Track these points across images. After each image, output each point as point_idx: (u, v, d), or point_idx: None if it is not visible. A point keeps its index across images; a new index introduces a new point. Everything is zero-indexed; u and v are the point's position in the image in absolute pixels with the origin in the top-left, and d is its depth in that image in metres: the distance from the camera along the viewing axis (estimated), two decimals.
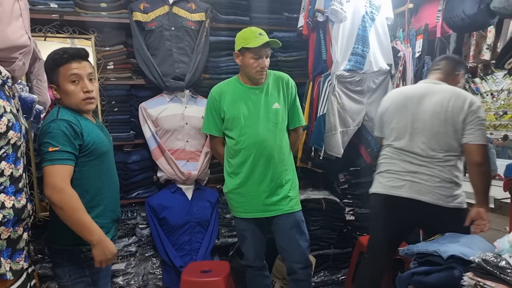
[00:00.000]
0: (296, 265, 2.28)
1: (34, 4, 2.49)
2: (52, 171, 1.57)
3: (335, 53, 2.73)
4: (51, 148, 1.57)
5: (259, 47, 2.12)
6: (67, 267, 1.69)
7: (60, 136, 1.58)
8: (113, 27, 2.80)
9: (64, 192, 1.57)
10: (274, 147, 2.22)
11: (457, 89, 2.11)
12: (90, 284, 1.73)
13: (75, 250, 1.69)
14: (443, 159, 2.05)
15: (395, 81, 2.94)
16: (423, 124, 2.08)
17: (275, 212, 2.25)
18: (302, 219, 2.33)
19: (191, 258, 2.80)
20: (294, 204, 2.29)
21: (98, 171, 1.73)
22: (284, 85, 2.30)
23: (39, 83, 2.55)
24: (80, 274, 1.70)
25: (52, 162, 1.57)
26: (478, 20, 2.49)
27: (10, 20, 1.47)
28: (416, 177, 2.07)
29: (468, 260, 1.57)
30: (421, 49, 2.81)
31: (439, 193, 2.03)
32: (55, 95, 1.71)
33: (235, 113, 2.23)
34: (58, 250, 1.70)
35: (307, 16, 2.89)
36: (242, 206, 2.29)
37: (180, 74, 2.76)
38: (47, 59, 1.70)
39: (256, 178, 2.23)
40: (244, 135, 2.21)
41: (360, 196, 3.11)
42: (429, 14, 2.92)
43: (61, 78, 1.67)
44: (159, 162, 2.79)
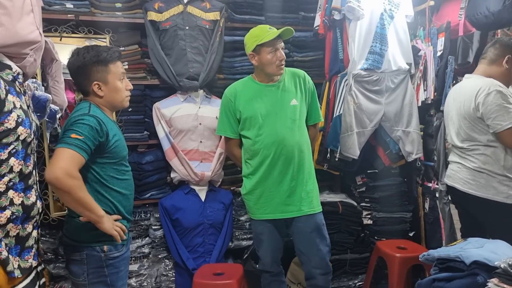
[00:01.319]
0: (316, 271, 2.20)
1: (50, 4, 2.51)
2: (68, 154, 1.51)
3: (352, 52, 2.67)
4: (74, 135, 1.53)
5: (273, 40, 2.09)
6: (85, 265, 1.66)
7: (86, 129, 1.56)
8: (128, 27, 2.81)
9: (74, 178, 1.52)
10: (294, 144, 2.16)
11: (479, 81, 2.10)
12: (109, 285, 1.70)
13: (96, 248, 1.67)
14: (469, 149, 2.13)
15: (415, 81, 2.86)
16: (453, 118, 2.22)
17: (295, 213, 2.19)
18: (323, 222, 2.26)
19: (204, 260, 2.76)
20: (315, 205, 2.22)
21: (116, 173, 1.73)
22: (301, 81, 2.25)
23: (56, 84, 2.57)
24: (99, 273, 1.67)
25: (70, 146, 1.52)
26: (503, 17, 2.41)
27: (21, 15, 1.46)
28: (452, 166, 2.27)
29: (493, 266, 1.48)
30: (442, 47, 2.71)
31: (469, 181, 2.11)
32: (98, 91, 1.69)
33: (252, 112, 2.18)
34: (77, 247, 1.67)
35: (324, 15, 2.83)
36: (261, 208, 2.22)
37: (194, 74, 2.74)
38: (88, 55, 1.67)
39: (276, 177, 2.17)
40: (262, 134, 2.16)
41: (378, 199, 3.02)
42: (451, 11, 2.83)
43: (111, 75, 1.70)
44: (173, 163, 2.77)
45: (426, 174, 2.91)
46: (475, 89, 2.05)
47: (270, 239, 2.27)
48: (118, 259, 1.72)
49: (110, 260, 1.68)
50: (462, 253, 1.66)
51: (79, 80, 1.72)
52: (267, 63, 2.12)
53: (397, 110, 2.79)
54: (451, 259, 1.71)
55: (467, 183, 2.12)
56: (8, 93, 1.44)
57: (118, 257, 1.72)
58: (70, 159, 1.51)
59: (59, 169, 1.49)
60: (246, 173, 2.26)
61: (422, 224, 2.97)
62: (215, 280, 2.34)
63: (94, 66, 1.67)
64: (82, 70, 1.67)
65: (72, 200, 1.55)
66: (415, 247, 2.66)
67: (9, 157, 1.46)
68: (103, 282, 1.68)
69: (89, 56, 1.67)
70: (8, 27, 1.42)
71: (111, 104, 1.77)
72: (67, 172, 1.50)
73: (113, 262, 1.69)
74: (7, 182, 1.45)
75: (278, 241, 2.30)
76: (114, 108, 1.83)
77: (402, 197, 3.04)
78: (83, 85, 1.71)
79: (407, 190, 3.07)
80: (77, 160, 1.54)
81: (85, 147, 1.55)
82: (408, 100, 2.80)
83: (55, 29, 2.51)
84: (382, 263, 2.78)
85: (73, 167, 1.52)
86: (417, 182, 3.00)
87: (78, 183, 1.54)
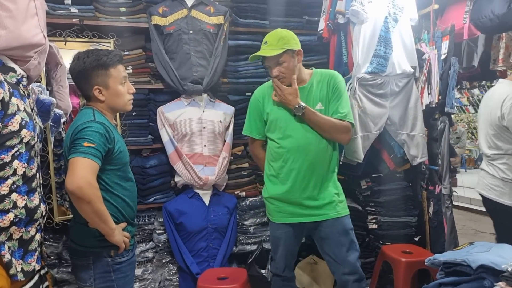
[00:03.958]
0: (348, 277, 2.11)
1: (55, 9, 2.53)
2: (85, 163, 1.51)
3: (356, 55, 2.65)
4: (86, 143, 1.53)
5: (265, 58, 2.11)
6: (92, 270, 1.65)
7: (97, 136, 1.57)
8: (132, 32, 2.82)
9: (94, 187, 1.53)
10: (318, 150, 2.10)
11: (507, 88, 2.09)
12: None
13: (103, 253, 1.65)
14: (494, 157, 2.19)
15: (419, 84, 2.84)
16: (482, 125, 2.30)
17: (320, 217, 2.12)
18: (351, 226, 2.18)
19: (208, 265, 2.75)
20: (341, 209, 2.15)
21: (120, 180, 1.72)
22: (329, 82, 2.15)
23: (60, 89, 2.58)
24: (106, 278, 1.66)
25: (86, 155, 1.51)
26: (508, 20, 2.40)
27: (25, 18, 1.47)
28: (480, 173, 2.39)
29: (500, 270, 1.47)
30: (447, 50, 2.70)
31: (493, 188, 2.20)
32: (99, 96, 1.68)
33: (278, 115, 2.15)
34: (84, 252, 1.66)
35: (328, 19, 2.83)
36: (282, 211, 2.16)
37: (198, 78, 2.74)
38: (88, 60, 1.66)
39: (299, 182, 2.10)
40: (287, 138, 2.13)
41: (383, 203, 3.00)
42: (455, 15, 2.82)
43: (112, 80, 1.69)
44: (177, 167, 2.76)
45: (430, 178, 2.89)
46: (502, 97, 2.03)
47: (287, 243, 2.21)
48: (125, 264, 1.72)
49: (117, 265, 1.68)
50: (469, 257, 1.64)
51: (80, 85, 1.71)
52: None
53: (402, 114, 2.77)
54: (457, 263, 1.69)
55: (491, 190, 2.19)
56: (12, 96, 1.45)
57: (124, 261, 1.71)
58: (89, 168, 1.51)
59: (81, 179, 1.49)
60: (268, 174, 2.22)
61: (427, 229, 2.94)
62: (219, 285, 2.32)
63: (94, 70, 1.66)
64: (83, 74, 1.66)
65: (91, 211, 1.54)
66: (420, 252, 2.63)
67: (13, 159, 1.46)
68: (110, 287, 1.68)
69: (89, 60, 1.65)
70: (12, 29, 1.43)
71: (113, 108, 1.76)
72: (88, 182, 1.50)
73: (120, 267, 1.69)
74: (11, 185, 1.46)
75: (294, 246, 2.25)
76: (116, 112, 1.82)
77: (407, 201, 3.02)
78: (84, 90, 1.71)
79: (412, 194, 3.05)
80: (94, 168, 1.54)
81: (98, 155, 1.56)
82: (412, 103, 2.78)
83: (60, 33, 2.52)
84: (388, 268, 2.75)
85: (92, 176, 1.53)
86: (422, 186, 2.98)
87: (98, 193, 1.56)
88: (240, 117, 3.03)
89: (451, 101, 2.70)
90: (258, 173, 3.06)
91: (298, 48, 2.10)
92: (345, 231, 2.13)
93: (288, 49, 2.04)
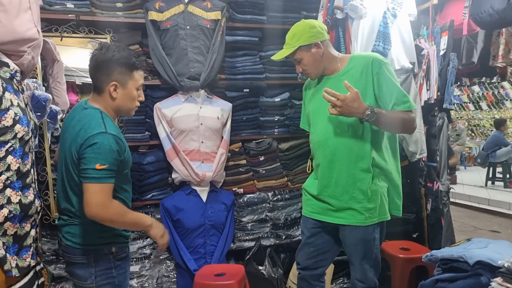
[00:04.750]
0: (358, 283, 2.03)
1: (51, 4, 2.51)
2: (98, 189, 1.51)
3: (355, 51, 2.64)
4: (98, 165, 1.50)
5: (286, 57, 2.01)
6: (93, 267, 1.62)
7: (108, 153, 1.52)
8: (129, 27, 2.79)
9: (111, 207, 1.54)
10: (339, 146, 1.93)
11: None
12: (117, 285, 1.67)
13: (104, 250, 1.63)
14: None
15: (418, 80, 2.83)
16: None
17: (338, 220, 1.97)
18: (374, 236, 1.95)
19: (206, 261, 2.74)
20: (363, 217, 1.92)
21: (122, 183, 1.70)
22: (367, 67, 1.89)
23: (57, 85, 2.57)
24: (107, 275, 1.64)
25: (99, 180, 1.50)
26: (507, 15, 2.39)
27: (18, 12, 1.46)
28: None
29: (496, 267, 1.46)
30: (446, 46, 2.69)
31: None
32: (113, 93, 1.63)
33: (310, 107, 2.10)
34: (83, 250, 1.62)
35: (326, 14, 2.81)
36: (309, 205, 2.11)
37: (195, 74, 2.72)
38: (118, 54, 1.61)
39: (323, 179, 2.00)
40: (313, 133, 2.07)
41: None
42: (455, 10, 2.81)
43: (132, 82, 1.66)
44: (174, 163, 2.75)
45: (428, 174, 2.88)
46: None
47: (309, 239, 2.12)
48: (124, 260, 1.71)
49: (118, 261, 1.67)
50: (466, 253, 1.64)
51: (97, 75, 1.63)
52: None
53: None
54: (454, 259, 1.69)
55: None
56: (6, 91, 1.44)
57: (125, 257, 1.71)
58: (103, 192, 1.52)
59: (97, 206, 1.51)
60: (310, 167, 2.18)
61: (425, 226, 2.94)
62: (216, 281, 2.32)
63: (120, 66, 1.62)
64: (106, 66, 1.61)
65: (118, 225, 1.61)
66: (418, 248, 2.63)
67: (6, 155, 1.45)
68: (111, 284, 1.65)
69: (119, 55, 1.61)
70: (5, 24, 1.42)
71: (119, 110, 1.71)
72: (105, 206, 1.52)
73: (121, 263, 1.68)
74: (5, 180, 1.45)
75: (319, 245, 2.10)
76: (120, 113, 1.77)
77: (405, 198, 2.99)
78: (99, 81, 1.63)
79: (410, 191, 3.04)
80: (108, 190, 1.54)
81: (111, 174, 1.54)
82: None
83: (56, 29, 2.50)
84: (385, 265, 2.74)
85: (108, 198, 1.53)
86: (420, 183, 2.97)
87: (117, 209, 1.57)
88: (238, 113, 3.02)
89: (449, 97, 2.69)
90: (256, 169, 3.05)
91: (313, 41, 1.94)
92: (363, 241, 1.95)
93: (300, 46, 1.94)
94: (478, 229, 5.36)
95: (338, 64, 2.00)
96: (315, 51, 1.95)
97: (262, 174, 3.05)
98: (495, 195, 6.86)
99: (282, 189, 3.08)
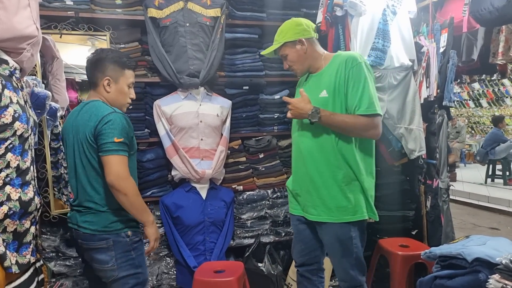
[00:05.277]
0: (341, 283, 2.03)
1: (50, 1, 2.50)
2: (118, 160, 1.69)
3: (354, 48, 2.63)
4: (116, 139, 1.69)
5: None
6: (113, 251, 1.76)
7: (122, 128, 1.72)
8: (128, 24, 2.79)
9: (129, 179, 1.72)
10: (312, 143, 1.96)
11: None
12: (137, 266, 1.81)
13: (122, 234, 1.78)
14: None
15: (418, 78, 2.82)
16: None
17: (313, 217, 1.98)
18: (350, 235, 1.92)
19: (205, 258, 2.75)
20: (338, 214, 1.91)
21: (133, 165, 1.86)
22: (342, 66, 1.88)
23: (57, 82, 2.57)
24: (127, 257, 1.78)
25: (118, 152, 1.70)
26: (507, 12, 2.38)
27: (17, 9, 1.46)
28: None
29: (495, 263, 1.46)
30: (445, 43, 2.68)
31: None
32: (106, 87, 1.84)
33: None
34: (102, 236, 1.76)
35: (326, 11, 2.80)
36: (292, 202, 2.15)
37: (194, 71, 2.72)
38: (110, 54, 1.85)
39: (300, 177, 2.04)
40: (292, 130, 2.11)
41: (380, 197, 2.97)
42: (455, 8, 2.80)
43: (123, 78, 1.87)
44: (173, 161, 2.75)
45: (428, 172, 2.88)
46: None
47: (298, 237, 2.15)
48: (140, 243, 1.87)
49: (135, 244, 1.82)
50: (464, 250, 1.64)
51: (93, 72, 1.84)
52: None
53: (400, 107, 2.76)
54: (453, 256, 1.69)
55: None
56: (5, 88, 1.44)
57: (139, 241, 1.86)
58: (122, 163, 1.71)
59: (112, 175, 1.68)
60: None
61: (424, 223, 2.94)
62: (216, 278, 2.32)
63: (112, 64, 1.83)
64: (101, 63, 1.82)
65: (129, 203, 1.72)
66: (417, 245, 2.63)
67: (6, 152, 1.45)
68: (132, 265, 1.80)
69: (111, 55, 1.85)
70: (4, 21, 1.42)
71: (113, 104, 1.86)
72: (125, 176, 1.70)
73: (137, 246, 1.83)
74: (4, 178, 1.45)
75: (307, 242, 2.11)
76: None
77: (405, 195, 3.01)
78: (95, 77, 1.84)
79: (410, 188, 3.04)
80: (124, 161, 1.72)
81: (126, 148, 1.74)
82: (411, 97, 2.77)
83: (55, 26, 2.50)
84: (384, 262, 2.75)
85: (126, 170, 1.71)
86: (419, 180, 2.97)
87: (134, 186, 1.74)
88: (237, 110, 3.02)
89: (449, 95, 2.69)
90: (255, 167, 3.06)
91: (297, 37, 1.97)
92: (339, 239, 1.94)
93: (286, 42, 1.99)
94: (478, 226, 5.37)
95: (322, 62, 2.03)
96: (299, 47, 1.99)
97: (262, 171, 3.05)
98: (495, 192, 6.86)
99: (281, 186, 3.09)
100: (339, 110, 1.90)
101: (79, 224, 1.78)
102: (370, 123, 1.85)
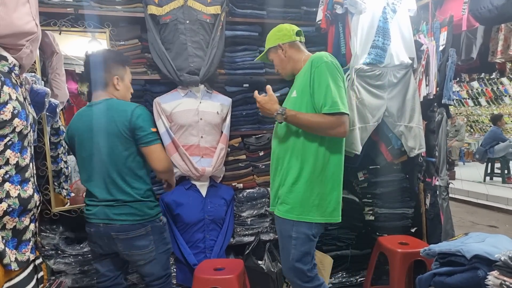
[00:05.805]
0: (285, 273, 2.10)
1: None
2: (161, 148, 1.96)
3: (354, 46, 2.64)
4: (154, 129, 1.93)
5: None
6: (151, 235, 1.98)
7: (151, 119, 1.98)
8: (128, 21, 2.78)
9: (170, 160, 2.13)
10: (279, 141, 2.07)
11: None
12: (167, 243, 2.11)
13: (157, 220, 2.03)
14: None
15: (417, 76, 2.83)
16: None
17: (273, 209, 2.11)
18: (290, 234, 1.95)
19: (205, 256, 2.75)
20: (286, 210, 1.96)
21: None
22: (309, 68, 1.93)
23: (57, 77, 2.57)
24: (161, 239, 2.05)
25: (158, 140, 1.94)
26: (507, 11, 2.38)
27: (17, 5, 1.45)
28: None
29: (493, 260, 1.47)
30: (445, 41, 2.68)
31: None
32: (116, 85, 1.98)
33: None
34: (142, 224, 1.96)
35: (326, 9, 2.80)
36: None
37: (194, 68, 2.72)
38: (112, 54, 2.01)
39: (272, 171, 2.13)
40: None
41: (380, 195, 3.00)
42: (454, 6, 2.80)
43: (127, 75, 2.04)
44: (173, 158, 2.75)
45: (427, 170, 2.88)
46: None
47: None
48: (166, 225, 2.14)
49: (164, 226, 2.09)
50: (463, 247, 1.65)
51: (99, 74, 1.95)
52: None
53: (400, 105, 2.76)
54: (452, 253, 1.70)
55: None
56: (4, 85, 1.44)
57: (166, 223, 2.13)
58: (163, 149, 1.99)
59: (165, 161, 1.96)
60: None
61: (423, 220, 2.95)
62: (216, 275, 2.32)
63: (116, 63, 1.98)
64: (105, 63, 1.94)
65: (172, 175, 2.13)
66: (416, 243, 2.64)
67: (5, 149, 1.45)
68: (164, 244, 2.08)
69: (112, 54, 2.00)
70: (3, 17, 1.41)
71: (122, 99, 2.00)
72: (168, 160, 2.02)
73: (165, 227, 2.11)
74: (3, 175, 1.45)
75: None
76: None
77: (404, 193, 3.02)
78: (103, 78, 1.95)
79: (409, 186, 3.04)
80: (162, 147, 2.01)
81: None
82: (410, 95, 2.77)
83: (54, 23, 2.49)
84: (384, 259, 2.76)
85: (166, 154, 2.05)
86: (419, 178, 2.98)
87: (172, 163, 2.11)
88: (237, 108, 3.01)
89: (448, 93, 2.69)
90: (255, 165, 3.05)
91: (277, 43, 2.09)
92: (281, 233, 2.03)
93: (270, 48, 2.14)
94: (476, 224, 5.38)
95: (301, 64, 2.08)
96: (280, 52, 2.11)
97: (262, 169, 3.05)
98: (493, 190, 6.87)
99: None
100: (308, 109, 1.92)
101: (112, 217, 1.92)
102: (334, 122, 1.85)
